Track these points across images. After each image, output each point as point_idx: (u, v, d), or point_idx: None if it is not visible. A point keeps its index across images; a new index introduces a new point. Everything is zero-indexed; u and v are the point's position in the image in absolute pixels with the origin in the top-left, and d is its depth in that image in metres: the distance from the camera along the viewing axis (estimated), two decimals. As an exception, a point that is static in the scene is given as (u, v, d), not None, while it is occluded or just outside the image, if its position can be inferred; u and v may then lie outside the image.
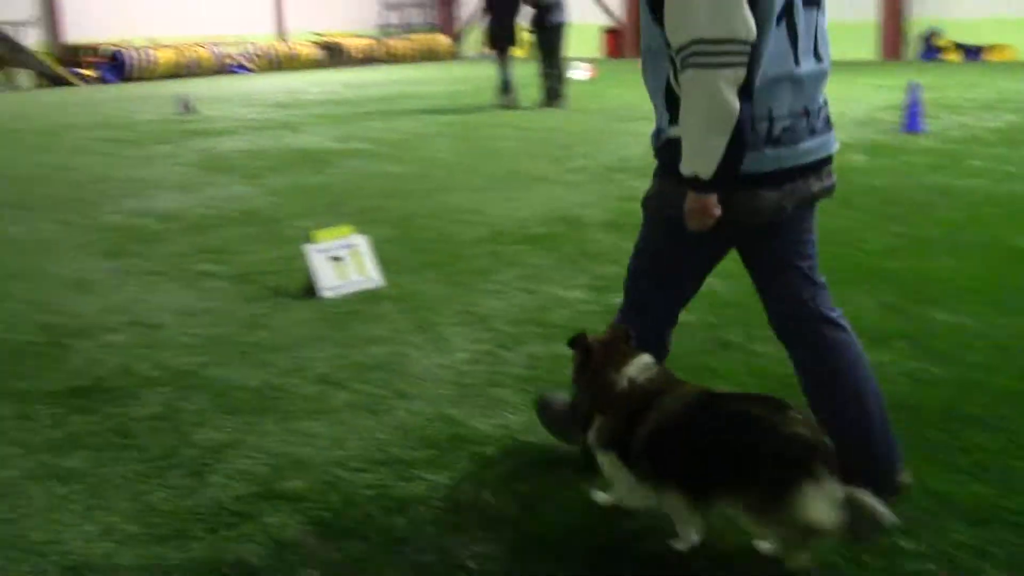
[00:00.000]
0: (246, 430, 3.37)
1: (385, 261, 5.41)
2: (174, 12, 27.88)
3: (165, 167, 9.50)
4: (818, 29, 2.63)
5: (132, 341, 4.35)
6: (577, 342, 2.81)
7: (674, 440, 2.50)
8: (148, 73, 25.26)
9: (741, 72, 2.34)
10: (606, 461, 2.68)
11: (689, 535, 2.54)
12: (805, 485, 2.26)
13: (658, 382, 2.64)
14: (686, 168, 2.46)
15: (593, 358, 2.73)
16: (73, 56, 25.83)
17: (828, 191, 2.73)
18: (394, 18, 34.19)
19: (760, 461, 2.33)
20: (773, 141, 2.56)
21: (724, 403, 2.55)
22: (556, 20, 14.04)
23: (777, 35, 2.49)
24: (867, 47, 24.01)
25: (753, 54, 2.37)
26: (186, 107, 14.98)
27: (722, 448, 2.41)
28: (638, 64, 2.81)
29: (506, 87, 14.52)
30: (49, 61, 24.47)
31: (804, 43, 2.57)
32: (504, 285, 5.07)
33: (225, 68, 27.00)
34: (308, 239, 5.14)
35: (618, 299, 3.09)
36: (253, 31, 29.57)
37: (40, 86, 24.49)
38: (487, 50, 15.63)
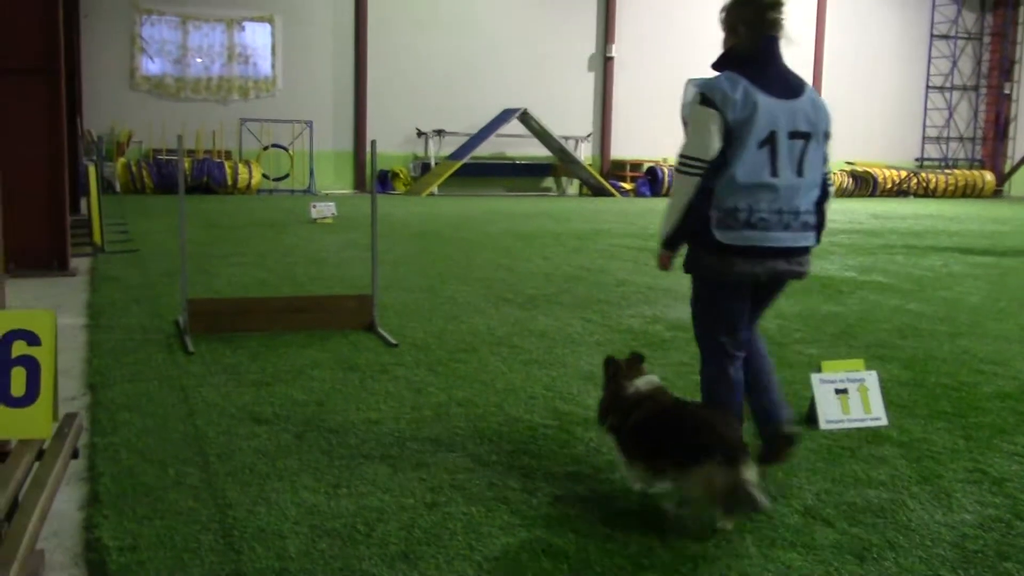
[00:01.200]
0: (725, 548, 3.35)
1: (892, 402, 5.12)
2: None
3: (683, 279, 9.88)
4: (805, 155, 3.75)
5: (630, 439, 4.56)
6: (608, 362, 4.05)
7: (644, 432, 3.69)
8: (680, 190, 26.75)
9: (697, 178, 3.67)
10: (611, 442, 3.88)
11: (646, 487, 3.73)
12: (723, 468, 3.35)
13: (650, 392, 3.84)
14: (661, 232, 3.88)
15: (616, 373, 3.97)
16: (616, 169, 28.23)
17: (797, 274, 3.90)
18: (935, 151, 32.78)
19: (696, 451, 3.43)
20: (751, 226, 3.69)
21: (682, 409, 3.75)
22: None
23: (758, 155, 3.65)
24: None
25: (717, 165, 3.65)
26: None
27: (674, 440, 3.56)
28: None
29: (1056, 232, 13.15)
30: (594, 172, 26.97)
31: (784, 163, 3.69)
32: (1028, 449, 4.53)
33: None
34: (815, 367, 5.04)
35: None
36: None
37: (583, 194, 27.09)
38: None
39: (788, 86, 3.81)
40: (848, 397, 4.84)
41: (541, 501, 3.75)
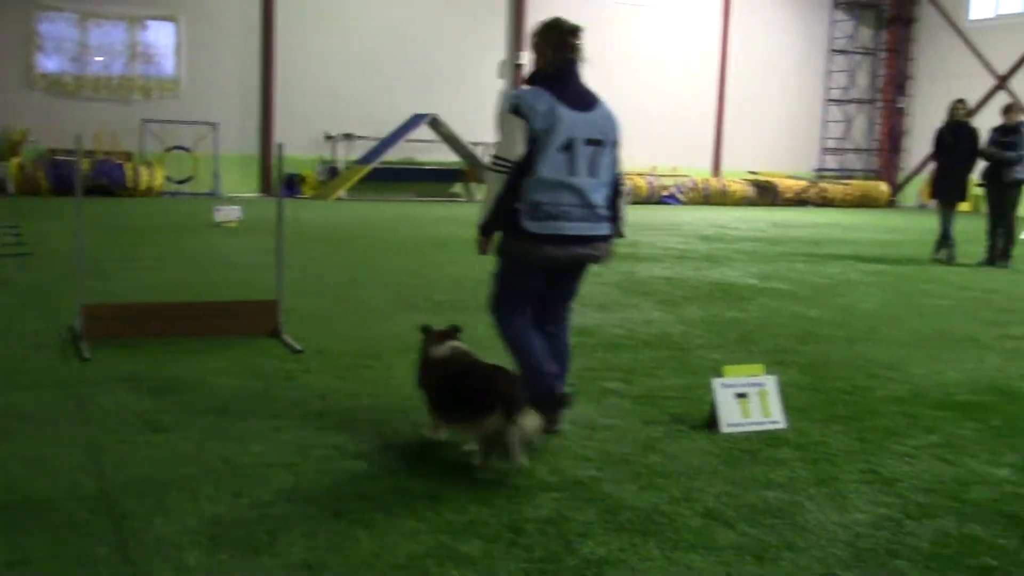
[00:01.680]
0: (629, 551, 3.39)
1: (791, 406, 5.26)
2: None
3: (589, 285, 10.01)
4: (598, 159, 4.50)
5: (536, 445, 4.58)
6: (423, 329, 4.69)
7: (445, 390, 4.30)
8: (588, 197, 27.06)
9: (504, 175, 4.36)
10: (422, 398, 4.48)
11: (438, 435, 4.42)
12: (486, 422, 3.97)
13: (454, 355, 4.46)
14: (479, 220, 4.53)
15: (429, 339, 4.61)
16: (526, 177, 28.40)
17: (595, 258, 4.66)
18: (833, 162, 33.80)
19: (482, 406, 4.00)
20: (554, 217, 4.40)
21: (466, 369, 4.32)
22: (1016, 176, 13.04)
23: (558, 158, 4.37)
24: None
25: (522, 166, 4.36)
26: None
27: (461, 395, 4.18)
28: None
29: (945, 241, 13.68)
30: (505, 180, 27.09)
31: (581, 165, 4.43)
32: (917, 450, 4.70)
33: (658, 198, 28.18)
34: (716, 372, 5.15)
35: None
36: (690, 165, 30.66)
37: (494, 201, 27.17)
38: (930, 201, 14.86)
39: (585, 101, 4.54)
40: (748, 401, 4.95)
41: (447, 507, 3.73)
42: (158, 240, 13.23)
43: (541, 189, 4.38)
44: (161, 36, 24.97)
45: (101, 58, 24.44)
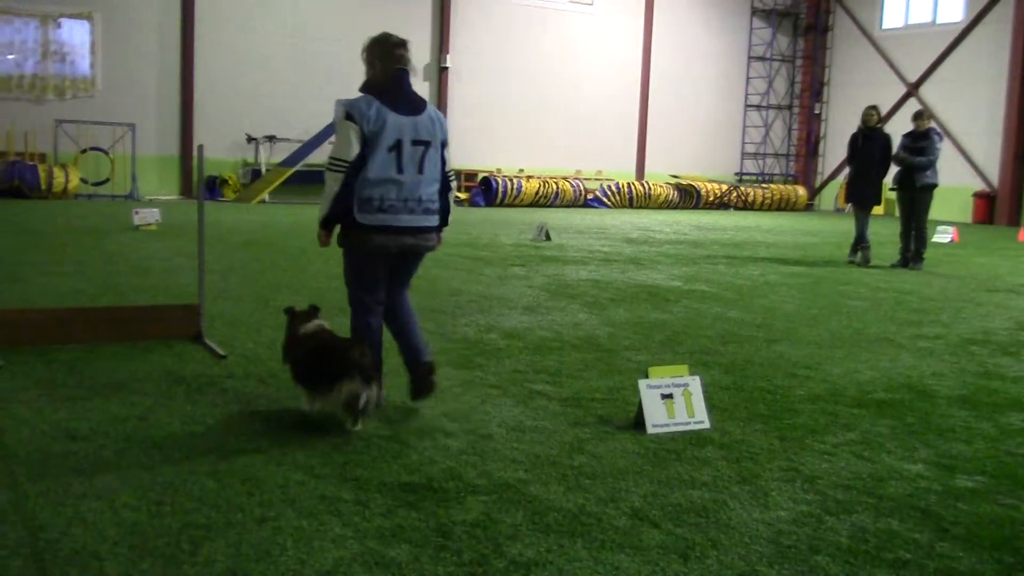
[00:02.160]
0: (557, 552, 3.41)
1: (714, 405, 5.34)
2: (544, 146, 29.88)
3: (516, 288, 10.07)
4: (425, 157, 4.97)
5: (463, 447, 4.58)
6: (287, 311, 5.30)
7: (307, 362, 4.88)
8: (514, 200, 27.13)
9: (341, 175, 4.82)
10: (289, 373, 5.04)
11: (312, 407, 4.83)
12: (343, 386, 4.61)
13: (315, 333, 5.05)
14: (319, 216, 4.98)
15: (292, 319, 5.20)
16: (451, 180, 28.34)
17: (425, 248, 5.17)
18: (753, 167, 34.43)
19: (340, 373, 4.63)
20: (383, 211, 4.88)
21: (326, 343, 4.94)
22: (927, 181, 13.44)
23: (387, 157, 4.84)
24: None
25: (357, 166, 4.82)
26: (543, 234, 15.87)
27: (316, 366, 4.81)
28: (1010, 232, 2.69)
29: (860, 244, 14.04)
30: (430, 182, 27.00)
31: (408, 163, 4.90)
32: (836, 448, 4.82)
33: (583, 201, 28.39)
34: (642, 373, 5.20)
35: (964, 482, 2.84)
36: (614, 169, 30.95)
37: (419, 204, 27.06)
38: (846, 204, 15.22)
39: (413, 106, 5.00)
40: (673, 402, 5.02)
41: (374, 512, 3.71)
42: (75, 243, 12.89)
43: (370, 186, 4.85)
44: (76, 34, 24.32)
45: (12, 56, 23.71)
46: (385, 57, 5.06)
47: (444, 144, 5.13)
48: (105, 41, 24.38)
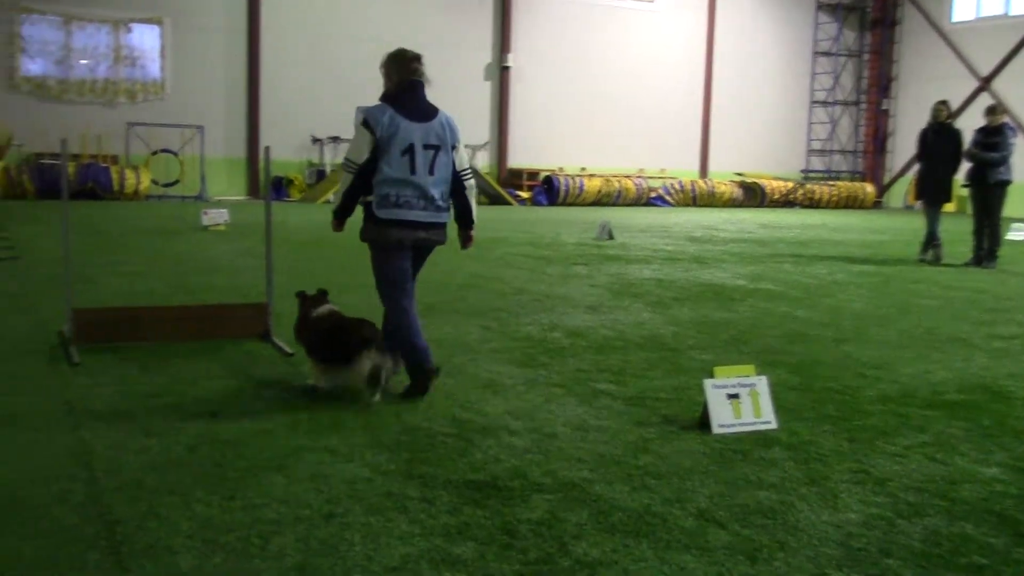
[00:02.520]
0: (622, 552, 3.40)
1: (781, 406, 5.28)
2: (606, 145, 29.78)
3: (579, 287, 10.06)
4: (436, 161, 5.40)
5: (528, 446, 4.59)
6: (298, 295, 5.86)
7: (318, 339, 5.42)
8: (576, 199, 27.09)
9: (351, 174, 5.34)
10: (304, 352, 5.62)
11: (320, 383, 5.38)
12: (365, 359, 5.10)
13: (327, 315, 5.60)
14: (333, 208, 5.53)
15: (305, 302, 5.74)
16: (513, 178, 28.40)
17: (435, 241, 5.57)
18: (819, 164, 33.94)
19: (358, 347, 5.15)
20: (398, 206, 5.33)
21: (342, 323, 5.47)
22: (1000, 177, 13.12)
23: (401, 160, 5.30)
24: None
25: (366, 168, 5.32)
26: (606, 233, 15.82)
27: (333, 344, 5.30)
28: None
29: (932, 242, 13.75)
30: (491, 181, 27.08)
31: (420, 165, 5.34)
32: (907, 449, 4.72)
33: (646, 199, 28.24)
34: (707, 373, 5.16)
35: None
36: (677, 167, 30.73)
37: (480, 203, 27.16)
38: (916, 202, 14.92)
39: (424, 113, 5.46)
40: (740, 402, 4.97)
41: (440, 510, 3.73)
42: (146, 244, 13.18)
43: (387, 184, 5.35)
44: (146, 39, 24.87)
45: (86, 61, 24.32)
46: (400, 70, 5.56)
47: (455, 148, 5.54)
48: (174, 45, 24.90)
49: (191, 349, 6.44)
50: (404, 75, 5.55)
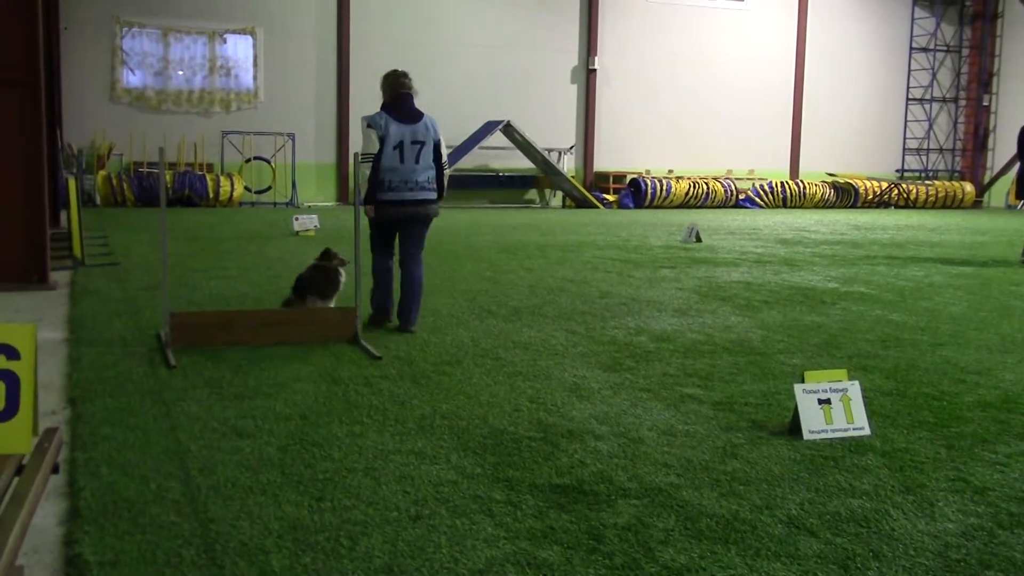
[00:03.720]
0: (710, 558, 3.35)
1: (875, 411, 5.15)
2: (693, 147, 29.47)
3: (666, 290, 9.97)
4: (420, 153, 7.23)
5: (614, 451, 4.56)
6: (323, 252, 7.88)
7: (311, 279, 7.65)
8: (663, 201, 26.87)
9: (370, 163, 7.14)
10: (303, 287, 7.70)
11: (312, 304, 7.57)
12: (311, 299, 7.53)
13: (326, 263, 7.73)
14: (363, 196, 7.26)
15: (322, 256, 7.81)
16: (599, 181, 28.31)
17: (424, 215, 7.39)
18: (915, 163, 33.02)
19: (326, 285, 7.65)
20: (392, 189, 7.18)
21: (327, 269, 7.71)
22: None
23: (393, 154, 7.15)
24: None
25: (378, 158, 7.15)
26: (693, 236, 15.65)
27: (319, 281, 7.63)
28: None
29: (1035, 242, 13.26)
30: (577, 184, 27.04)
31: (408, 157, 7.18)
32: (1009, 458, 4.56)
33: (735, 201, 27.86)
34: (798, 377, 5.06)
35: None
36: (766, 168, 30.24)
37: (567, 206, 27.17)
38: (1018, 201, 14.39)
39: (411, 117, 7.31)
40: (831, 407, 4.86)
41: (526, 513, 3.74)
42: (239, 249, 13.51)
43: (383, 172, 7.20)
44: (240, 49, 25.50)
45: (182, 72, 25.06)
46: (393, 86, 7.41)
47: (436, 143, 7.40)
48: (267, 55, 25.48)
49: (282, 352, 6.57)
50: (396, 89, 7.39)
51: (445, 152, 7.55)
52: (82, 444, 4.50)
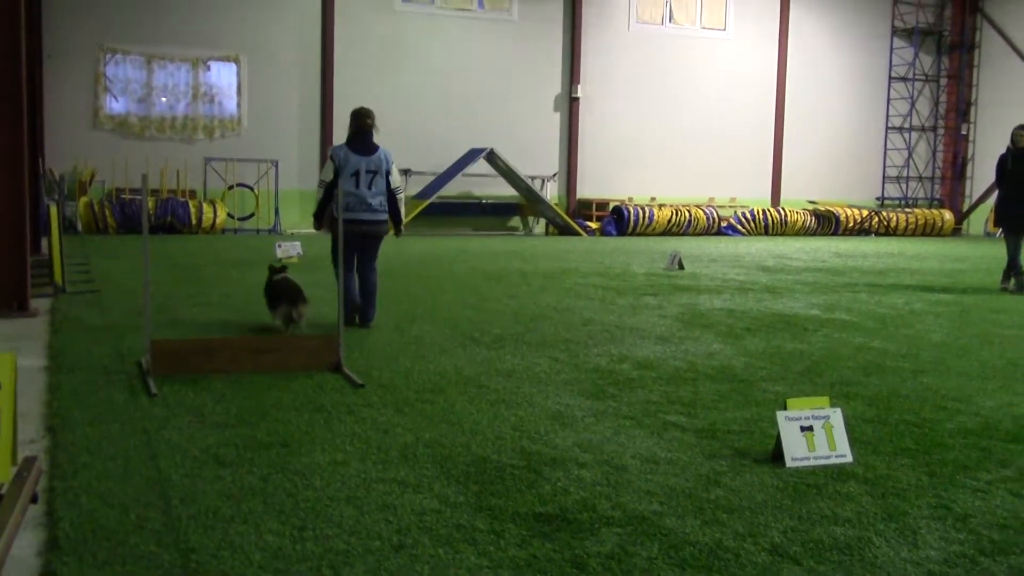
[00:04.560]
0: (693, 587, 3.34)
1: (857, 439, 5.16)
2: (676, 174, 29.63)
3: (649, 317, 9.99)
4: (373, 181, 8.71)
5: (597, 478, 4.56)
6: (271, 267, 8.90)
7: (273, 293, 8.49)
8: (646, 229, 26.98)
9: (323, 189, 8.81)
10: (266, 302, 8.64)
11: (276, 322, 8.47)
12: (288, 306, 8.24)
13: (283, 279, 8.56)
14: (314, 212, 9.04)
15: (272, 272, 8.74)
16: (582, 209, 28.42)
17: (376, 233, 8.89)
18: (895, 191, 33.30)
19: (280, 299, 8.34)
20: (349, 210, 8.34)
21: (283, 284, 8.47)
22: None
23: (351, 180, 8.62)
24: None
25: (331, 185, 8.65)
26: (676, 263, 15.71)
27: (280, 294, 8.36)
28: None
29: (1013, 270, 13.37)
30: (560, 211, 27.13)
31: (363, 183, 8.69)
32: (990, 485, 4.58)
33: (717, 229, 28.00)
34: (780, 405, 5.07)
35: None
36: (748, 195, 30.42)
37: (550, 233, 27.23)
38: (996, 229, 14.48)
39: (368, 150, 8.78)
40: (814, 434, 4.87)
41: (509, 542, 3.72)
42: (222, 276, 13.46)
43: (343, 195, 8.26)
44: (224, 77, 25.52)
45: (166, 99, 25.04)
46: (356, 123, 8.89)
47: (388, 172, 8.85)
48: (251, 82, 25.50)
49: (264, 380, 6.54)
50: (358, 126, 8.85)
51: (397, 179, 9.00)
52: (61, 473, 4.46)
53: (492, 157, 25.93)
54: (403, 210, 8.83)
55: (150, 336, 6.65)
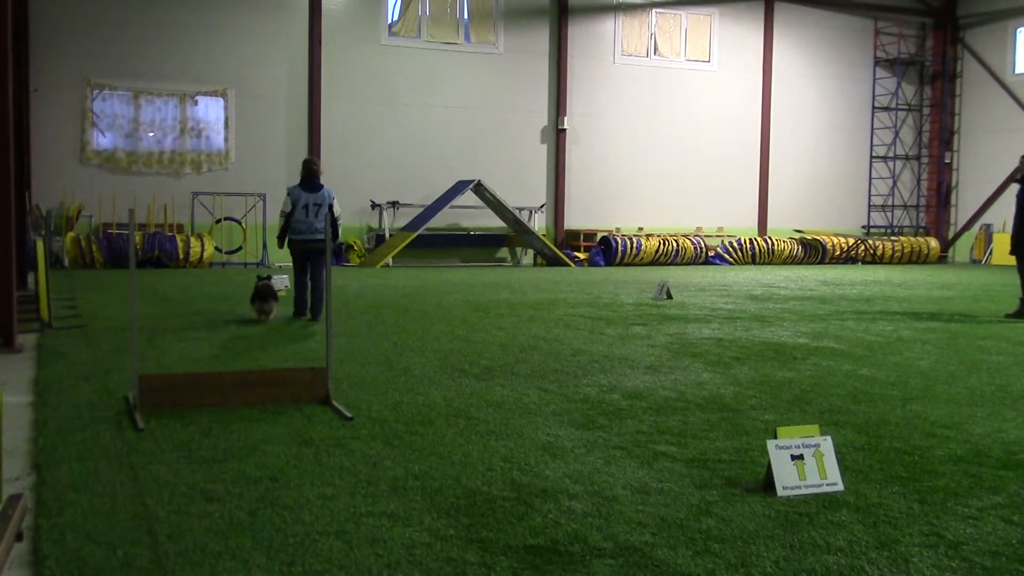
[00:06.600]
0: (686, 619, 3.32)
1: (848, 467, 5.16)
2: (663, 205, 29.77)
3: (638, 347, 9.99)
4: (319, 211, 12.10)
5: (588, 509, 4.53)
6: (257, 276, 12.22)
7: (255, 293, 11.91)
8: (634, 259, 27.06)
9: (283, 219, 12.32)
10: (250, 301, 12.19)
11: (253, 315, 12.12)
12: (259, 302, 11.88)
13: (264, 284, 11.88)
14: (278, 235, 12.58)
15: (258, 279, 11.98)
16: (570, 239, 28.51)
17: (319, 248, 12.05)
18: (881, 219, 33.52)
19: (259, 295, 11.87)
20: (300, 233, 12.16)
21: (264, 286, 11.84)
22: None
23: (302, 211, 12.14)
24: None
25: (289, 215, 12.23)
26: (664, 293, 15.74)
27: (258, 293, 11.85)
28: None
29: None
30: (548, 242, 27.19)
31: (310, 214, 12.13)
32: (981, 512, 4.57)
33: (704, 258, 28.10)
34: (770, 433, 5.07)
35: None
36: (735, 225, 30.57)
37: (538, 264, 27.28)
38: (1013, 256, 14.19)
39: (314, 188, 12.16)
40: (804, 463, 4.86)
41: (500, 575, 3.69)
42: (209, 310, 13.42)
43: (295, 223, 11.96)
44: (211, 111, 25.58)
45: (153, 133, 25.08)
46: (305, 169, 12.30)
47: (331, 205, 11.97)
48: (238, 116, 25.57)
49: (252, 413, 6.51)
50: (306, 171, 12.26)
51: (338, 209, 12.23)
52: (47, 511, 4.41)
53: (480, 189, 26.00)
54: (339, 231, 12.46)
55: (137, 371, 6.61)
